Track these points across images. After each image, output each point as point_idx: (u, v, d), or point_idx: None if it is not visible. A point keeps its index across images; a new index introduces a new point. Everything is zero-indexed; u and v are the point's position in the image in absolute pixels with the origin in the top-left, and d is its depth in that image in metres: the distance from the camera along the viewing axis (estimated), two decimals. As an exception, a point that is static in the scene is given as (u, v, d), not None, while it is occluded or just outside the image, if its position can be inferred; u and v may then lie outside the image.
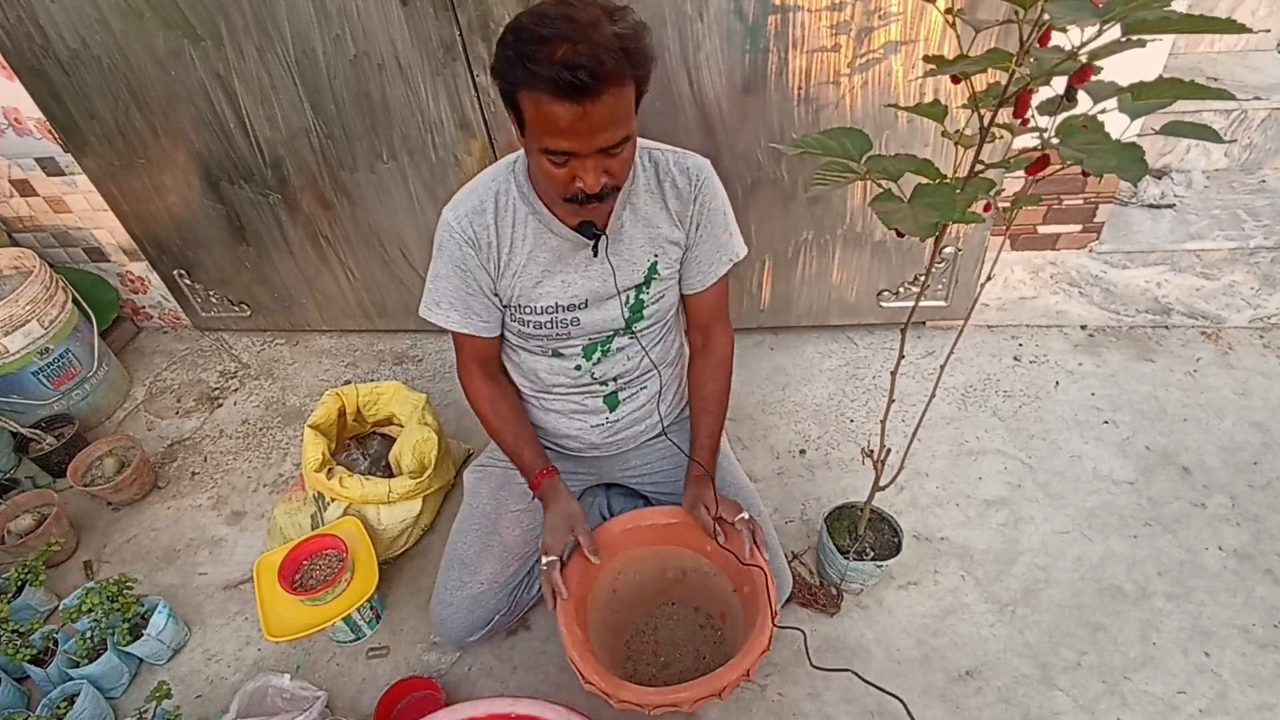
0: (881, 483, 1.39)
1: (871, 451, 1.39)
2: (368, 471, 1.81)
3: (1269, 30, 2.18)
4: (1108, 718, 1.36)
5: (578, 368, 1.37)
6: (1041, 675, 1.42)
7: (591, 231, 1.20)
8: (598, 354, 1.36)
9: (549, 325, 1.30)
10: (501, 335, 1.40)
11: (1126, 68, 1.68)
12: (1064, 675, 1.42)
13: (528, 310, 1.28)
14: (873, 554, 1.46)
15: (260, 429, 2.16)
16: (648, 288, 1.30)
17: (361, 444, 1.88)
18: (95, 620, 1.53)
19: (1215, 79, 2.11)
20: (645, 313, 1.33)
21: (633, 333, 1.35)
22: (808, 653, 1.33)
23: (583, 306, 1.28)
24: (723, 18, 1.60)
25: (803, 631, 1.38)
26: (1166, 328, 2.08)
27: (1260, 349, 1.98)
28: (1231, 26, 0.72)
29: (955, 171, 1.05)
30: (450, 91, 1.78)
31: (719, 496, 1.34)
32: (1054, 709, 1.37)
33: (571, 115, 0.97)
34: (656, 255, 1.28)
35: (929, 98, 1.66)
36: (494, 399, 1.41)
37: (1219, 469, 1.73)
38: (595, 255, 1.24)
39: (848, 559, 1.44)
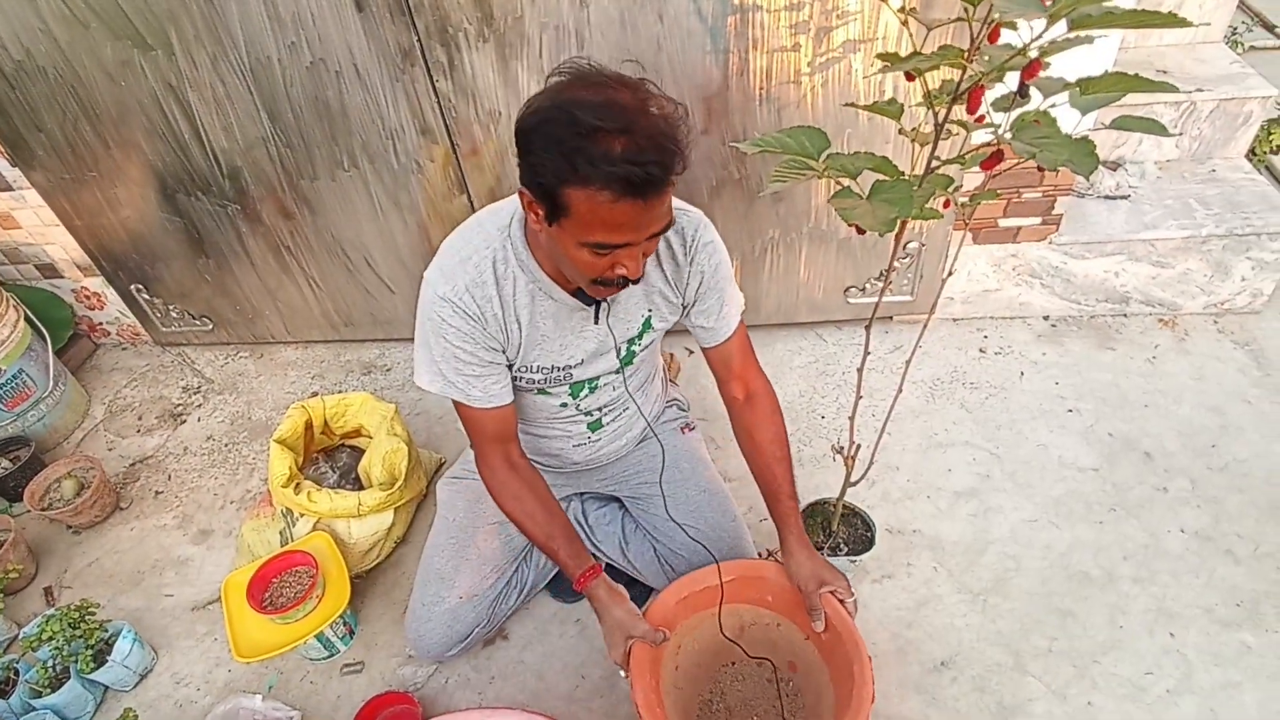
0: (852, 479, 1.41)
1: (841, 448, 1.40)
2: (337, 485, 1.79)
3: (1209, 24, 2.23)
4: (1079, 701, 1.38)
5: (563, 405, 1.35)
6: (1014, 662, 1.45)
7: (590, 299, 1.17)
8: (585, 391, 1.34)
9: (543, 381, 1.28)
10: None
11: (1077, 64, 1.72)
12: (1035, 661, 1.44)
13: (524, 370, 1.25)
14: (846, 549, 1.47)
15: (226, 445, 2.11)
16: (640, 340, 1.30)
17: (330, 457, 1.86)
18: (57, 648, 1.49)
19: (1165, 72, 2.16)
20: (635, 360, 1.33)
21: (620, 373, 1.35)
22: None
23: (578, 365, 1.26)
24: (682, 19, 1.60)
25: None
26: (1125, 316, 2.12)
27: (1215, 334, 2.04)
28: (1174, 21, 0.74)
29: (914, 168, 1.06)
30: (410, 97, 1.76)
31: (831, 566, 1.28)
32: (1027, 695, 1.40)
33: (634, 211, 0.92)
34: (650, 310, 1.26)
35: (888, 96, 1.68)
36: (519, 495, 1.28)
37: (1179, 453, 1.77)
38: (596, 323, 1.22)
39: (822, 555, 1.44)
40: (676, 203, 1.19)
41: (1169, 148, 2.17)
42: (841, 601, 1.24)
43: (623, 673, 1.21)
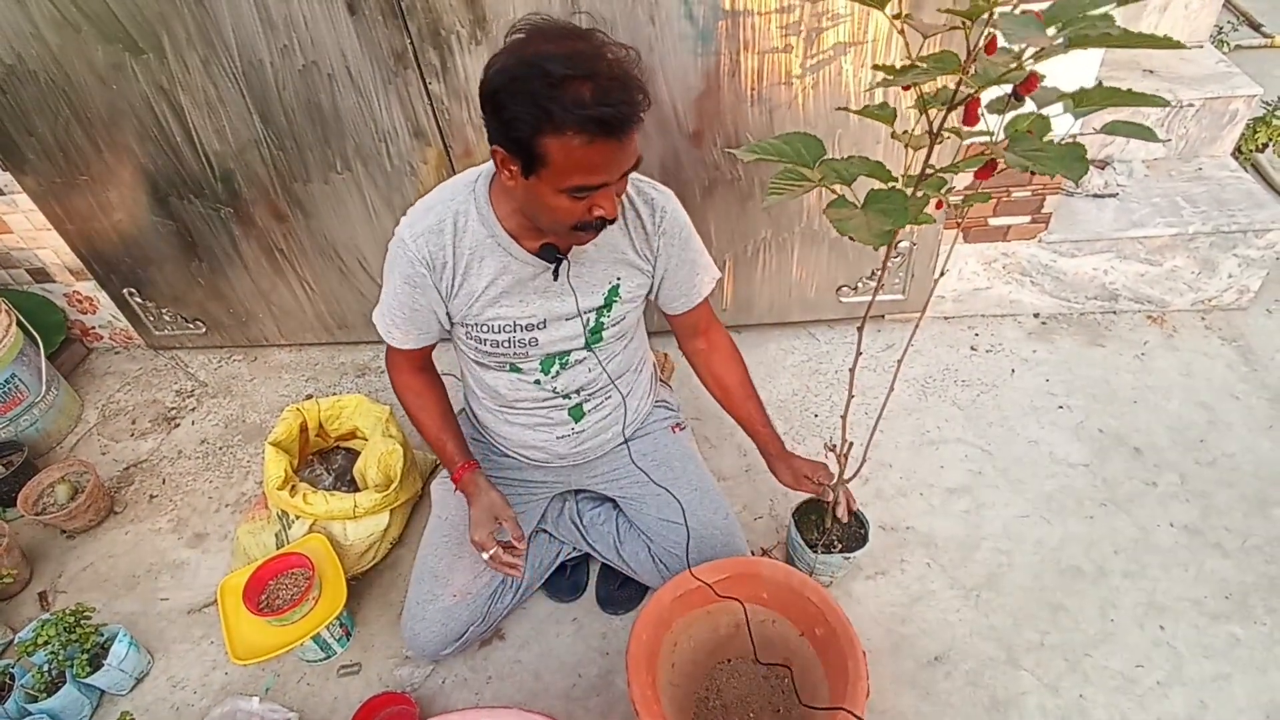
0: (845, 475, 1.42)
1: (834, 446, 1.41)
2: (332, 487, 1.79)
3: (1201, 46, 2.26)
4: (1070, 694, 1.40)
5: (536, 382, 1.36)
6: (1007, 657, 1.46)
7: (554, 255, 1.20)
8: (555, 367, 1.35)
9: (506, 344, 1.29)
10: (457, 350, 1.40)
11: (1068, 64, 1.73)
12: (1028, 655, 1.46)
13: (485, 329, 1.27)
14: (840, 546, 1.48)
15: (220, 448, 2.11)
16: (608, 311, 1.30)
17: (325, 459, 1.86)
18: (52, 653, 1.49)
19: (1152, 71, 2.18)
20: (605, 334, 1.33)
21: (591, 348, 1.35)
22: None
23: (540, 326, 1.28)
24: (673, 21, 1.61)
25: None
26: (1115, 313, 2.14)
27: (1202, 330, 2.06)
28: (1166, 43, 0.75)
29: (906, 170, 1.07)
30: (403, 100, 1.76)
31: (809, 461, 1.46)
32: (1019, 689, 1.41)
33: (609, 151, 0.98)
34: (619, 279, 1.28)
35: (880, 97, 1.69)
36: (419, 391, 1.42)
37: (1168, 448, 1.79)
38: (556, 279, 1.24)
39: (816, 552, 1.46)
40: (645, 179, 1.28)
41: (1156, 146, 2.19)
42: (832, 490, 1.42)
43: (484, 555, 1.30)
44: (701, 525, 1.46)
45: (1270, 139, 2.33)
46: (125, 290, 2.27)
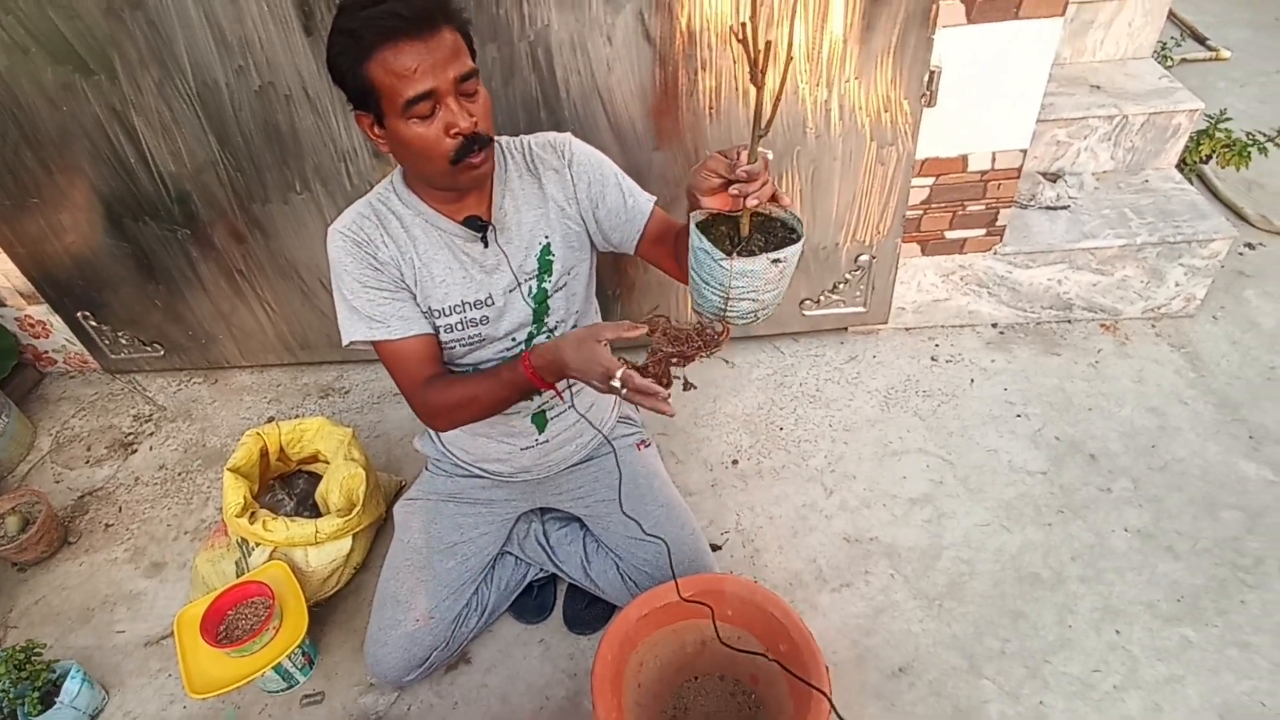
0: (760, 129, 0.92)
1: (743, 38, 0.88)
2: (294, 512, 1.76)
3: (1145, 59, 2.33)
4: (1031, 701, 1.42)
5: None
6: (969, 666, 1.48)
7: (478, 224, 1.22)
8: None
9: (459, 327, 1.29)
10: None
11: (1012, 75, 1.77)
12: (990, 664, 1.48)
13: (438, 315, 1.27)
14: (763, 247, 0.99)
15: (179, 474, 2.07)
16: (548, 275, 1.30)
17: (286, 483, 1.83)
18: (3, 691, 1.44)
19: (1099, 87, 2.24)
20: (551, 304, 1.33)
21: (550, 333, 1.35)
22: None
23: (488, 303, 1.28)
24: (631, 41, 1.62)
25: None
26: (1069, 322, 2.20)
27: (1153, 338, 2.12)
28: None
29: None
30: (362, 120, 1.75)
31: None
32: (981, 698, 1.43)
33: (418, 51, 1.02)
34: (548, 236, 1.28)
35: (834, 113, 1.72)
36: (447, 390, 1.23)
37: (1121, 454, 1.83)
38: (486, 246, 1.25)
39: (734, 259, 0.94)
40: (541, 133, 1.31)
41: (1105, 159, 2.25)
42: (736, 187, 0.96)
43: (618, 384, 1.01)
44: (670, 542, 1.46)
45: (1213, 151, 2.41)
46: (79, 314, 2.22)
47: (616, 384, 1.01)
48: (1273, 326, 2.10)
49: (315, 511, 1.76)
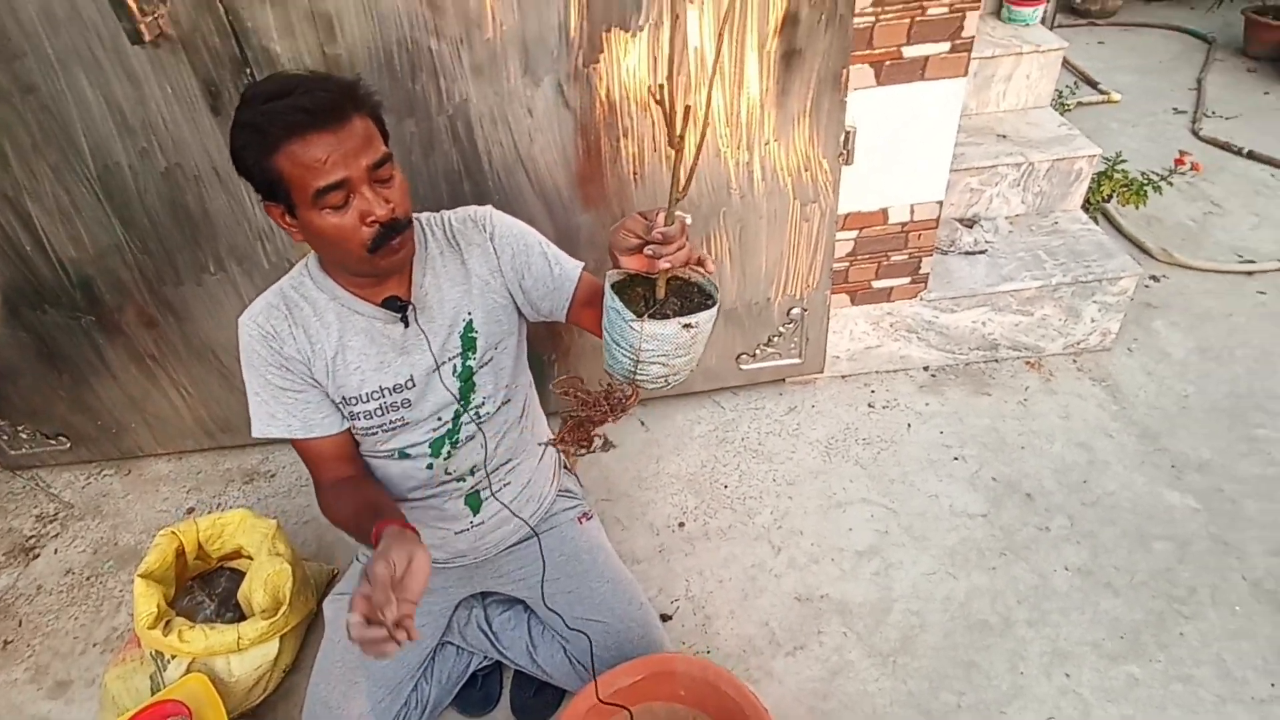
0: (677, 191, 0.90)
1: (660, 99, 0.88)
2: (215, 614, 1.64)
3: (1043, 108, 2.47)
4: (990, 756, 1.41)
5: (429, 466, 1.31)
6: (927, 723, 1.46)
7: (397, 304, 1.18)
8: (446, 448, 1.30)
9: (379, 413, 1.23)
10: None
11: (923, 132, 1.84)
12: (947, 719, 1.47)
13: (355, 401, 1.22)
14: (676, 312, 0.96)
15: (88, 578, 1.92)
16: (472, 352, 1.27)
17: (206, 583, 1.71)
18: None
19: (1005, 136, 2.36)
20: (477, 381, 1.28)
21: (479, 419, 1.31)
22: None
23: (409, 386, 1.23)
24: (552, 111, 1.62)
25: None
26: (996, 361, 2.26)
27: (1075, 373, 2.19)
28: None
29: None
30: (277, 198, 1.70)
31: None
32: (941, 757, 1.41)
33: (327, 143, 1.00)
34: (471, 313, 1.25)
35: (757, 173, 1.75)
36: (336, 500, 1.22)
37: (1055, 491, 1.87)
38: (407, 326, 1.21)
39: (645, 322, 0.92)
40: (461, 208, 1.29)
41: (1016, 204, 2.36)
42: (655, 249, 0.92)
43: (353, 616, 0.95)
44: (617, 620, 1.42)
45: (1113, 191, 2.55)
46: (-28, 409, 2.06)
47: (353, 618, 0.95)
48: (1182, 356, 2.20)
49: (239, 612, 1.65)
